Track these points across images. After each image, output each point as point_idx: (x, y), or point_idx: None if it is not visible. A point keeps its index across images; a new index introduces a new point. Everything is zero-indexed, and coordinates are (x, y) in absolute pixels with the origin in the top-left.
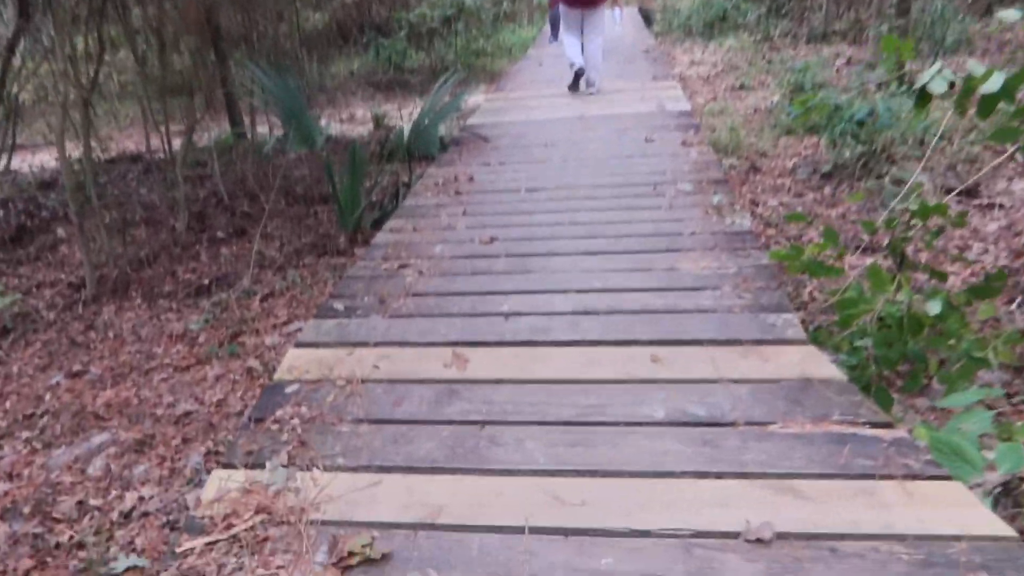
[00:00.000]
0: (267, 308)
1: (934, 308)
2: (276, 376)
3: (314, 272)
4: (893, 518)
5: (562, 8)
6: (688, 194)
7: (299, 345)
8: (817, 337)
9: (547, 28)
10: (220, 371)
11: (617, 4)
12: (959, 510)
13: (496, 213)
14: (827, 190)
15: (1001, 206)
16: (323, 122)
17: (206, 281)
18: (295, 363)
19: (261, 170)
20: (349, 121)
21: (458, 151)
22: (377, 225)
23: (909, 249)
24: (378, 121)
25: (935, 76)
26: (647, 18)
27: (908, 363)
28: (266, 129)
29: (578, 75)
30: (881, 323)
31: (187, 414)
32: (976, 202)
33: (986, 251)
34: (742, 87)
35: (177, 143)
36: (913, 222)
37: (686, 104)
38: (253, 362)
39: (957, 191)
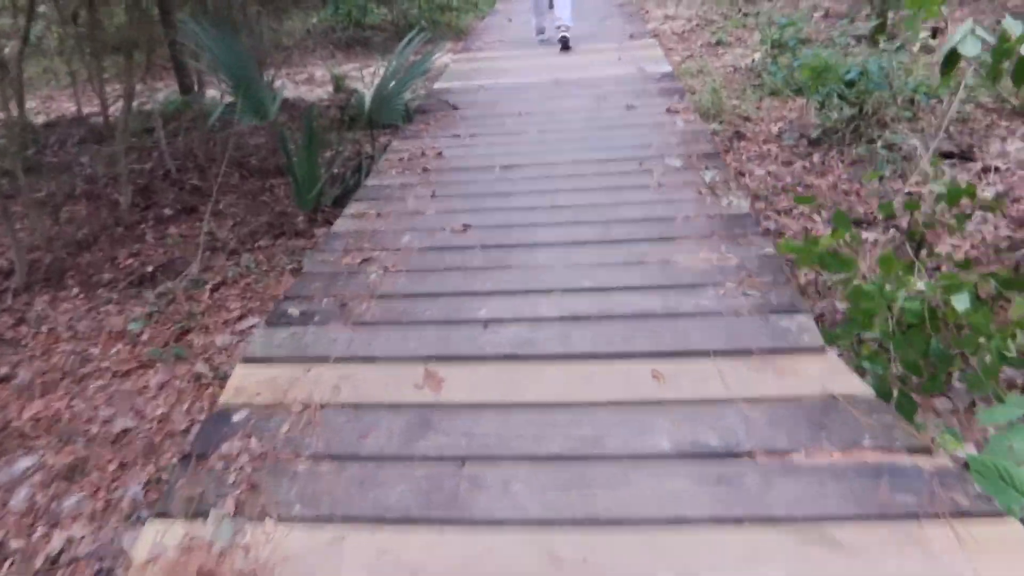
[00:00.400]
0: (218, 300)
1: (961, 303)
2: (222, 400)
3: (270, 256)
4: (944, 570)
5: None
6: (678, 170)
7: (248, 360)
8: (831, 338)
9: None
10: (164, 377)
11: None
12: (1020, 556)
13: (469, 195)
14: (816, 157)
15: (997, 169)
16: (279, 83)
17: (151, 268)
18: (244, 383)
19: (212, 139)
20: (307, 83)
21: (425, 120)
22: (338, 202)
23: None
24: (338, 83)
25: (966, 36)
26: None
27: (929, 362)
28: (218, 92)
29: (540, 32)
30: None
31: (125, 432)
32: (971, 165)
33: (985, 220)
34: (719, 43)
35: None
36: (939, 206)
37: (667, 66)
38: (202, 366)
39: (953, 155)
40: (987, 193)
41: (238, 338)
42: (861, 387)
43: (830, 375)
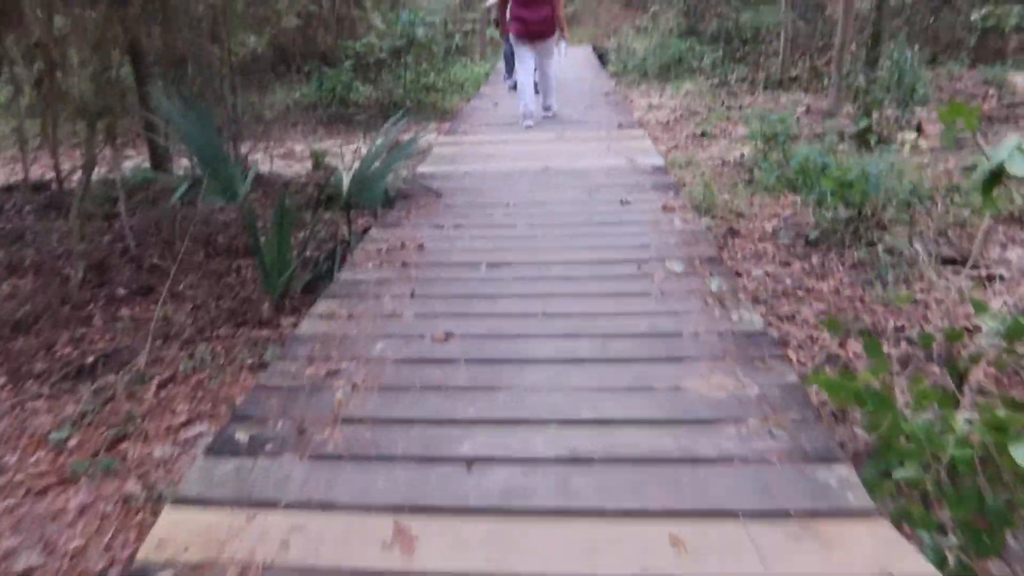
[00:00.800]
0: (164, 400)
1: (1021, 455)
2: (141, 555)
3: (229, 348)
4: None
5: (513, 39)
6: (680, 276)
7: (179, 502)
8: (869, 485)
9: (501, 65)
10: (87, 498)
11: (563, 36)
12: None
13: (452, 296)
14: (815, 258)
15: (1001, 277)
16: (256, 156)
17: (92, 358)
18: (171, 532)
19: (180, 212)
20: (286, 157)
21: (406, 207)
22: (309, 288)
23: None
24: (317, 160)
25: (1014, 152)
26: (601, 58)
27: (982, 518)
28: (191, 165)
29: (527, 117)
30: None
31: (28, 573)
32: (974, 272)
33: None
34: (703, 135)
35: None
36: (993, 342)
37: (659, 158)
38: (133, 485)
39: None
40: (995, 303)
41: (180, 449)
42: (924, 566)
43: (884, 547)
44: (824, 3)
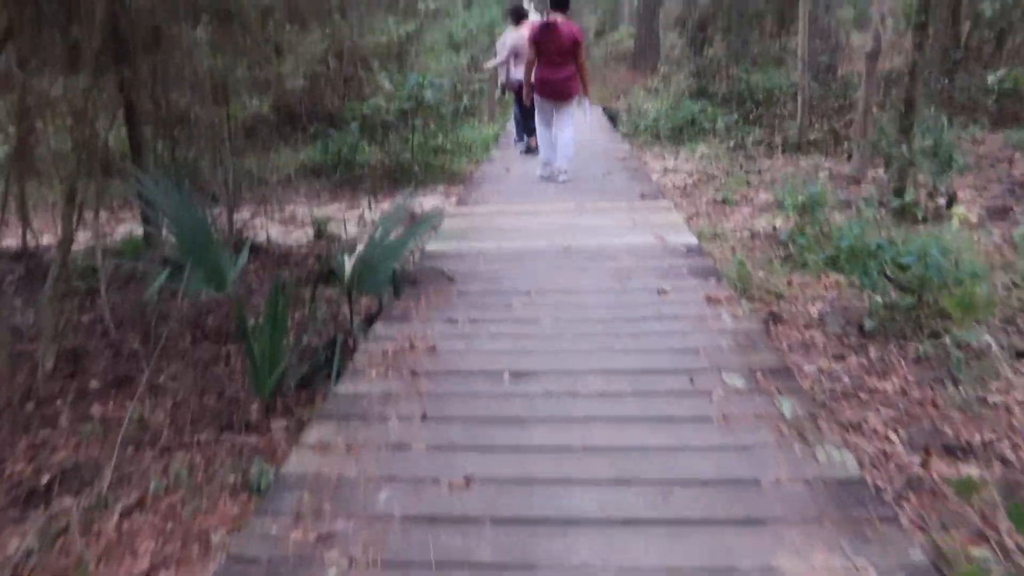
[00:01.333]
0: (127, 534)
1: None
2: None
3: (210, 459)
4: None
5: (536, 100)
6: (742, 394)
7: None
8: None
9: (511, 126)
10: None
11: (586, 94)
12: None
13: (471, 420)
14: (872, 351)
15: None
16: (258, 221)
17: (47, 477)
18: None
19: (168, 290)
20: (288, 222)
21: (416, 295)
22: (304, 383)
23: None
24: (320, 228)
25: None
26: (612, 119)
27: None
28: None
29: (547, 165)
30: None
31: None
32: None
33: None
34: (724, 201)
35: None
36: None
37: (691, 237)
38: None
39: None
40: None
41: None
42: None
43: None
44: (836, 64)
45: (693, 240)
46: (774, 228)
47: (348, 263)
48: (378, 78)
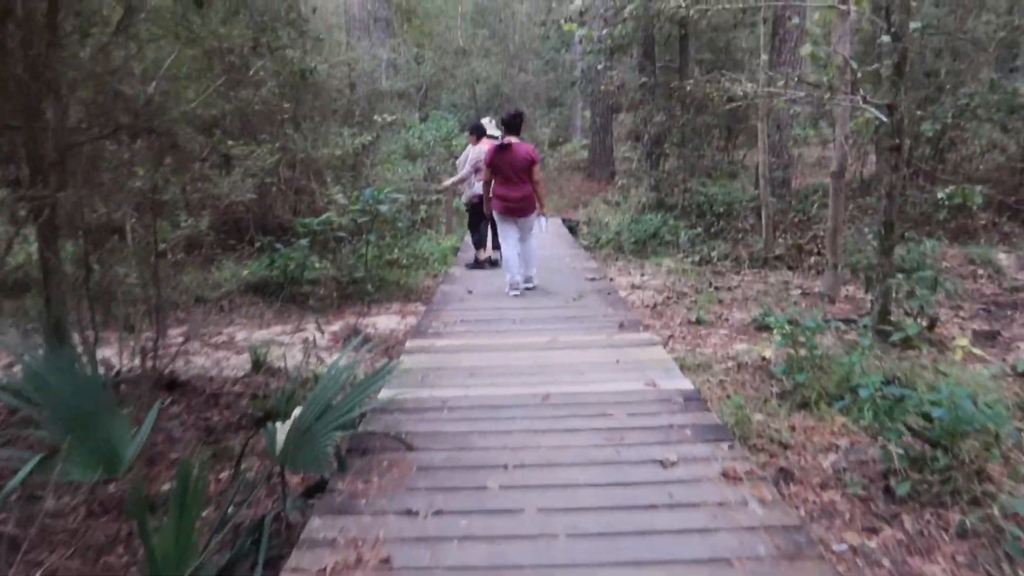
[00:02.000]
0: None
1: None
2: None
3: None
4: None
5: (497, 216)
6: None
7: None
8: None
9: (468, 238)
10: None
11: (542, 213)
12: None
13: None
14: (907, 522)
15: None
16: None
17: None
18: None
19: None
20: (225, 347)
21: (364, 472)
22: None
23: None
24: (257, 361)
25: None
26: (572, 230)
27: None
28: (116, 346)
29: (515, 281)
30: None
31: None
32: None
33: None
34: (699, 322)
35: None
36: None
37: (685, 380)
38: None
39: None
40: None
41: None
42: None
43: None
44: (790, 178)
45: (688, 385)
46: (763, 358)
47: (280, 432)
48: (332, 192)
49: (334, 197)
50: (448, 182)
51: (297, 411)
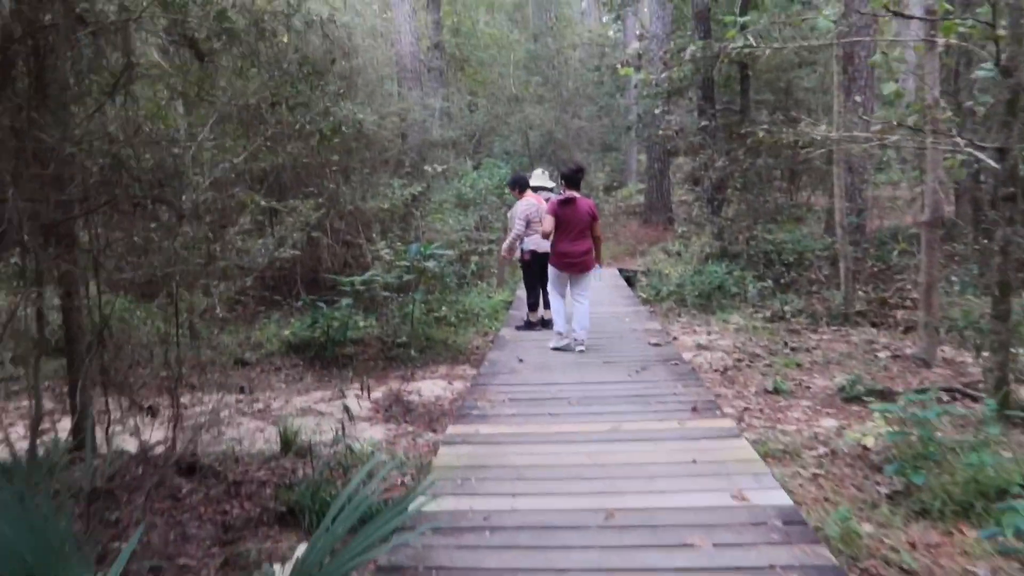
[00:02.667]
0: None
1: None
2: None
3: None
4: None
5: (553, 272)
6: None
7: None
8: None
9: (521, 293)
10: None
11: (599, 262)
12: None
13: None
14: None
15: None
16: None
17: None
18: None
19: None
20: (259, 416)
21: None
22: None
23: None
24: (286, 441)
25: None
26: (628, 280)
27: None
28: (130, 428)
29: (561, 336)
30: None
31: None
32: None
33: None
34: (777, 391)
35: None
36: None
37: (780, 491)
38: None
39: None
40: None
41: None
42: None
43: None
44: (864, 223)
45: (784, 499)
46: (863, 447)
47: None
48: (378, 247)
49: (380, 252)
50: (506, 244)
51: (301, 549)
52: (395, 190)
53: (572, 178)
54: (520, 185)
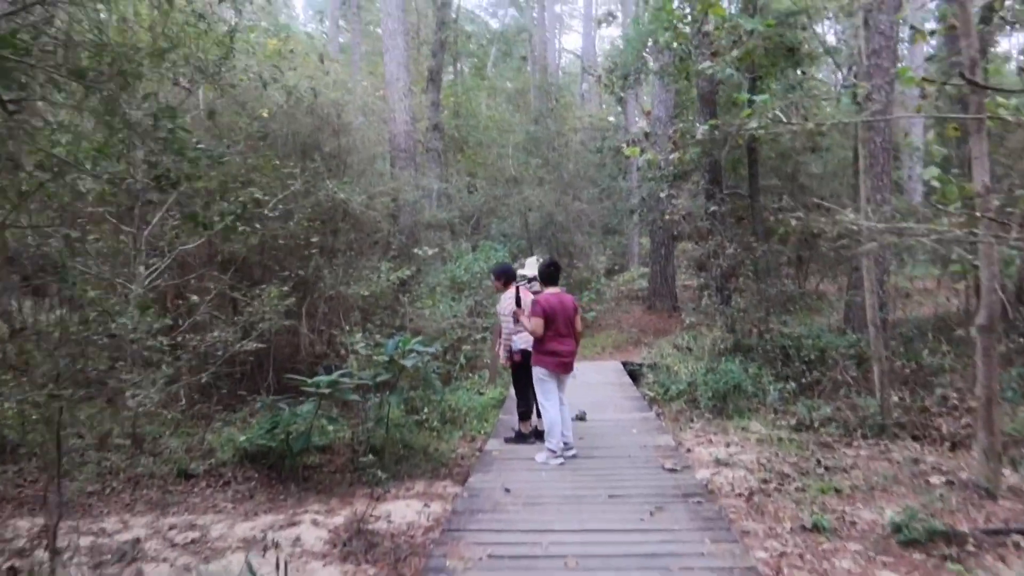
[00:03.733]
0: None
1: None
2: None
3: None
4: None
5: (544, 373)
6: None
7: None
8: None
9: (511, 392)
10: None
11: None
12: None
13: None
14: None
15: None
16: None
17: None
18: None
19: None
20: (194, 547)
21: None
22: None
23: None
24: None
25: None
26: (633, 375)
27: None
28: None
29: (566, 448)
30: None
31: None
32: None
33: None
34: (816, 528)
35: None
36: None
37: None
38: None
39: None
40: None
41: None
42: None
43: None
44: (887, 318)
45: None
46: None
47: None
48: (353, 338)
49: (355, 346)
50: (501, 351)
51: None
52: (382, 274)
53: (550, 276)
54: (506, 276)
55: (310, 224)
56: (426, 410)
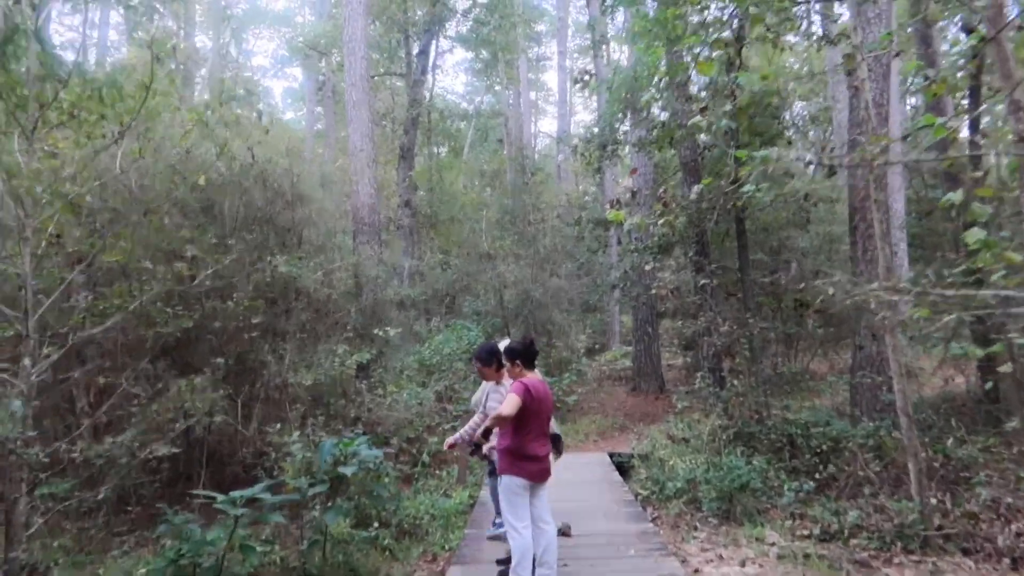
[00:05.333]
0: None
1: None
2: None
3: None
4: None
5: (518, 484)
6: None
7: None
8: None
9: (484, 494)
10: None
11: None
12: None
13: None
14: None
15: None
16: None
17: None
18: None
19: None
20: None
21: None
22: None
23: None
24: None
25: None
26: (620, 468)
27: None
28: None
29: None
30: None
31: None
32: None
33: None
34: None
35: None
36: None
37: None
38: None
39: None
40: None
41: None
42: None
43: None
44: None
45: None
46: None
47: None
48: (289, 438)
49: (290, 447)
50: (487, 447)
51: None
52: (337, 358)
53: (530, 356)
54: (497, 359)
55: (251, 303)
56: (377, 524)
